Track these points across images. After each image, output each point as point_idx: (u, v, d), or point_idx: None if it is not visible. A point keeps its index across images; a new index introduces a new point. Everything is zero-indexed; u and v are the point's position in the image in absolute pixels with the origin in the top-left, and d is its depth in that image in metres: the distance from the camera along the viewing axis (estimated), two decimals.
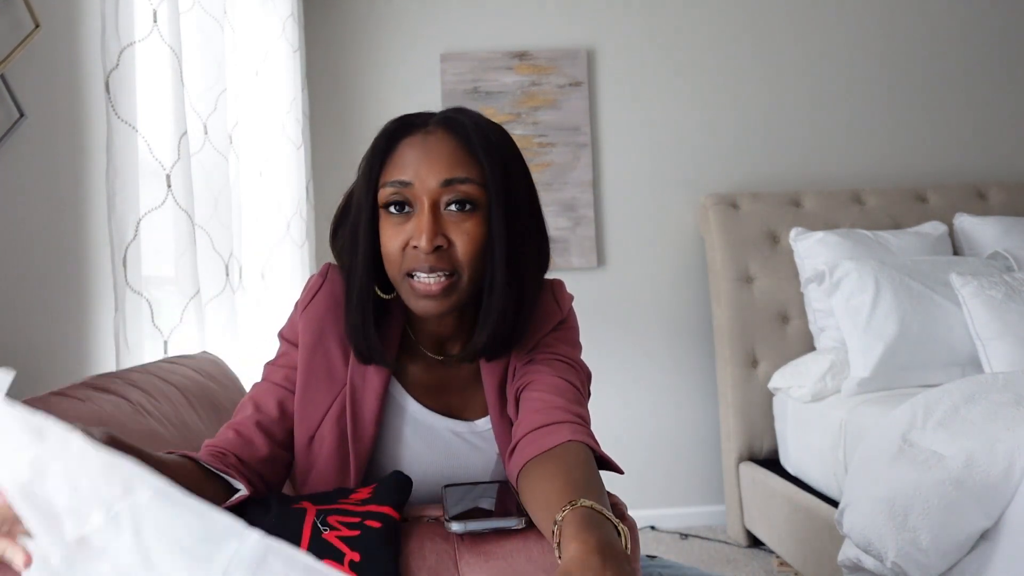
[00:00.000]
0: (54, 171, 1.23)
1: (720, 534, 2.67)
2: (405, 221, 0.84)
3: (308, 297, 0.92)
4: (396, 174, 0.84)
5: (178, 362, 1.21)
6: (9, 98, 1.12)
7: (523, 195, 0.88)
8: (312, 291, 0.93)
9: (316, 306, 0.91)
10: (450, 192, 0.83)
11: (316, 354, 0.89)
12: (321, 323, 0.90)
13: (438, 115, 0.87)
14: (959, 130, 2.95)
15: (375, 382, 0.89)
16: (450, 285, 0.84)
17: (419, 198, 0.83)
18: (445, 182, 0.83)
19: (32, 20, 1.15)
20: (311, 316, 0.91)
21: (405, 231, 0.84)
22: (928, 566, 1.34)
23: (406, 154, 0.84)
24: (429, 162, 0.83)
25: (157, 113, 1.40)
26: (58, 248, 1.23)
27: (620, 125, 2.85)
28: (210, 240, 1.63)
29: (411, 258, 0.83)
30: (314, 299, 0.92)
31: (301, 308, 0.92)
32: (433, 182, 0.83)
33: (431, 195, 0.83)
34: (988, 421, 1.40)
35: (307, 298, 0.92)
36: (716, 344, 2.66)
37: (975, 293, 2.06)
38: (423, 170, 0.83)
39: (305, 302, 0.92)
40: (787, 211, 2.65)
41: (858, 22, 2.93)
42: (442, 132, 0.85)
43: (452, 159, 0.84)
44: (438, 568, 0.70)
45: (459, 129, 0.85)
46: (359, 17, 2.81)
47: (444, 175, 0.83)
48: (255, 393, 0.92)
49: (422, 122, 0.87)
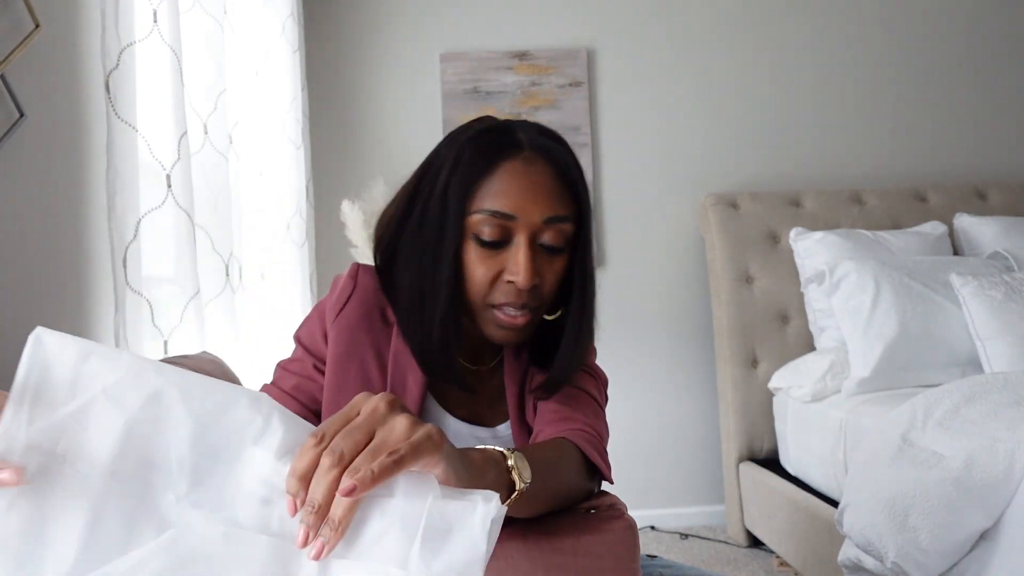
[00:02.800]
0: (54, 171, 1.23)
1: (720, 534, 2.67)
2: (497, 252, 0.81)
3: (339, 305, 0.88)
4: (498, 204, 0.79)
5: (178, 362, 1.21)
6: (9, 98, 1.12)
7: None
8: (343, 298, 0.88)
9: (348, 315, 0.87)
10: (550, 230, 0.81)
11: (351, 364, 0.85)
12: (354, 332, 0.86)
13: (533, 138, 0.83)
14: (959, 130, 2.95)
15: (414, 392, 0.86)
16: (532, 319, 0.83)
17: (518, 232, 0.80)
18: (548, 220, 0.80)
19: (32, 20, 1.15)
20: (343, 326, 0.86)
21: (497, 262, 0.81)
22: (928, 566, 1.34)
23: (508, 183, 0.80)
24: (533, 196, 0.80)
25: (157, 113, 1.39)
26: (58, 248, 1.23)
27: (620, 125, 2.85)
28: (210, 240, 1.63)
29: (503, 292, 0.81)
30: (346, 307, 0.87)
31: (332, 316, 0.87)
32: (536, 218, 0.80)
33: (531, 230, 0.80)
34: (988, 421, 1.40)
35: (338, 305, 0.88)
36: (716, 344, 2.66)
37: (975, 293, 2.06)
38: (527, 204, 0.79)
39: (336, 309, 0.88)
40: (787, 211, 2.65)
41: (858, 22, 2.93)
42: (543, 163, 0.82)
43: (554, 194, 0.81)
44: None
45: (559, 161, 0.83)
46: (359, 17, 2.81)
47: (547, 212, 0.80)
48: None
49: (517, 144, 0.82)
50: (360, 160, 2.76)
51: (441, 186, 0.81)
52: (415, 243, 0.84)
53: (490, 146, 0.81)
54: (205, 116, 1.65)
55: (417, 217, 0.84)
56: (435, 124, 2.80)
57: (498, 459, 0.62)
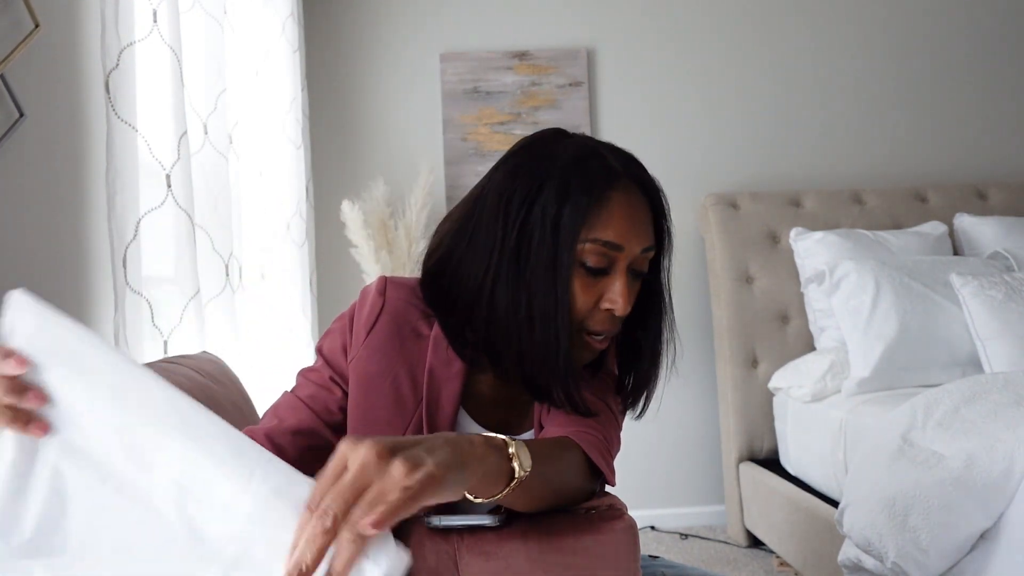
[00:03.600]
0: (54, 171, 1.23)
1: (720, 534, 2.67)
2: (598, 279, 0.82)
3: (369, 322, 0.87)
4: (608, 234, 0.80)
5: (178, 362, 1.21)
6: (9, 98, 1.12)
7: None
8: (373, 315, 0.87)
9: (379, 333, 0.86)
10: (642, 260, 0.85)
11: (383, 382, 0.85)
12: (386, 350, 0.86)
13: (626, 165, 0.84)
14: (959, 130, 2.95)
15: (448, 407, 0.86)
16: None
17: (620, 261, 0.82)
18: (644, 249, 0.84)
19: (32, 20, 1.15)
20: (375, 346, 0.86)
21: (597, 290, 0.82)
22: (928, 566, 1.34)
23: (616, 213, 0.81)
24: (635, 227, 0.82)
25: (157, 113, 1.39)
26: (58, 248, 1.23)
27: (620, 125, 2.85)
28: (210, 240, 1.63)
29: (599, 319, 0.83)
30: (376, 325, 0.87)
31: (363, 334, 0.87)
32: (636, 249, 0.82)
33: (631, 260, 0.83)
34: (988, 421, 1.40)
35: (368, 323, 0.87)
36: (716, 344, 2.66)
37: (975, 293, 2.06)
38: (631, 235, 0.81)
39: (367, 327, 0.87)
40: (787, 211, 2.65)
41: (859, 22, 2.93)
42: (640, 192, 0.84)
43: (649, 225, 0.85)
44: (438, 568, 0.70)
45: (652, 191, 0.86)
46: (359, 17, 2.81)
47: (645, 243, 0.83)
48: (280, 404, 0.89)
49: (617, 173, 0.83)
50: (360, 160, 2.76)
51: (552, 214, 0.80)
52: (514, 267, 0.81)
53: (597, 175, 0.82)
54: (205, 116, 1.65)
55: (513, 241, 0.81)
56: (435, 124, 2.80)
57: (499, 445, 0.64)
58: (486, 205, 0.84)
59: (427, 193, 2.58)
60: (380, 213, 2.55)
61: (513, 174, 0.84)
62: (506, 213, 0.82)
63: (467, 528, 0.72)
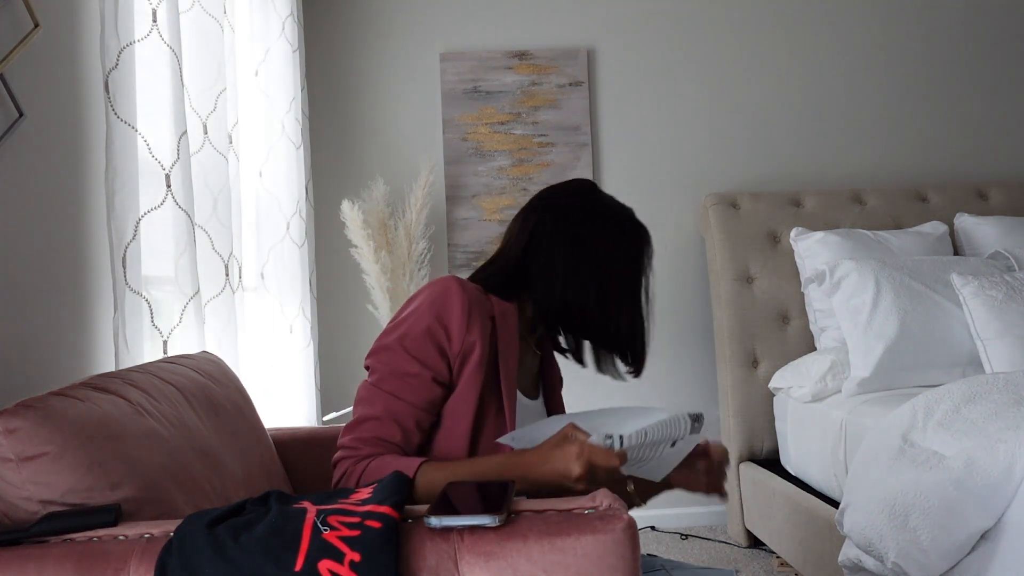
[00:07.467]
0: (53, 171, 1.23)
1: (720, 534, 2.67)
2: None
3: (465, 316, 1.02)
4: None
5: (178, 362, 1.21)
6: (8, 98, 1.11)
7: None
8: (466, 309, 1.02)
9: (475, 322, 1.03)
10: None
11: (490, 364, 1.04)
12: (483, 334, 1.03)
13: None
14: (959, 130, 2.95)
15: (509, 379, 1.07)
16: None
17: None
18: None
19: (32, 20, 1.15)
20: (477, 332, 1.02)
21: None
22: (929, 566, 1.34)
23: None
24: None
25: (156, 113, 1.39)
26: (57, 248, 1.23)
27: (620, 125, 2.85)
28: (210, 240, 1.63)
29: None
30: (471, 316, 1.02)
31: (464, 324, 1.02)
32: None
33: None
34: (989, 421, 1.40)
35: (464, 317, 1.02)
36: (716, 344, 2.66)
37: (976, 293, 2.06)
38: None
39: (464, 320, 1.02)
40: (787, 211, 2.65)
41: (859, 22, 2.93)
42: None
43: None
44: (438, 568, 0.70)
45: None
46: (359, 17, 2.81)
47: None
48: (398, 413, 1.00)
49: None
50: (360, 160, 2.76)
51: (624, 245, 1.12)
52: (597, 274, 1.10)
53: (642, 228, 1.15)
54: (205, 116, 1.64)
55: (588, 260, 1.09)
56: (435, 124, 2.80)
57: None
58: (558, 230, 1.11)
59: (427, 193, 2.58)
60: (380, 213, 2.55)
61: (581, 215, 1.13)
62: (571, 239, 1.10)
63: (467, 528, 0.72)
